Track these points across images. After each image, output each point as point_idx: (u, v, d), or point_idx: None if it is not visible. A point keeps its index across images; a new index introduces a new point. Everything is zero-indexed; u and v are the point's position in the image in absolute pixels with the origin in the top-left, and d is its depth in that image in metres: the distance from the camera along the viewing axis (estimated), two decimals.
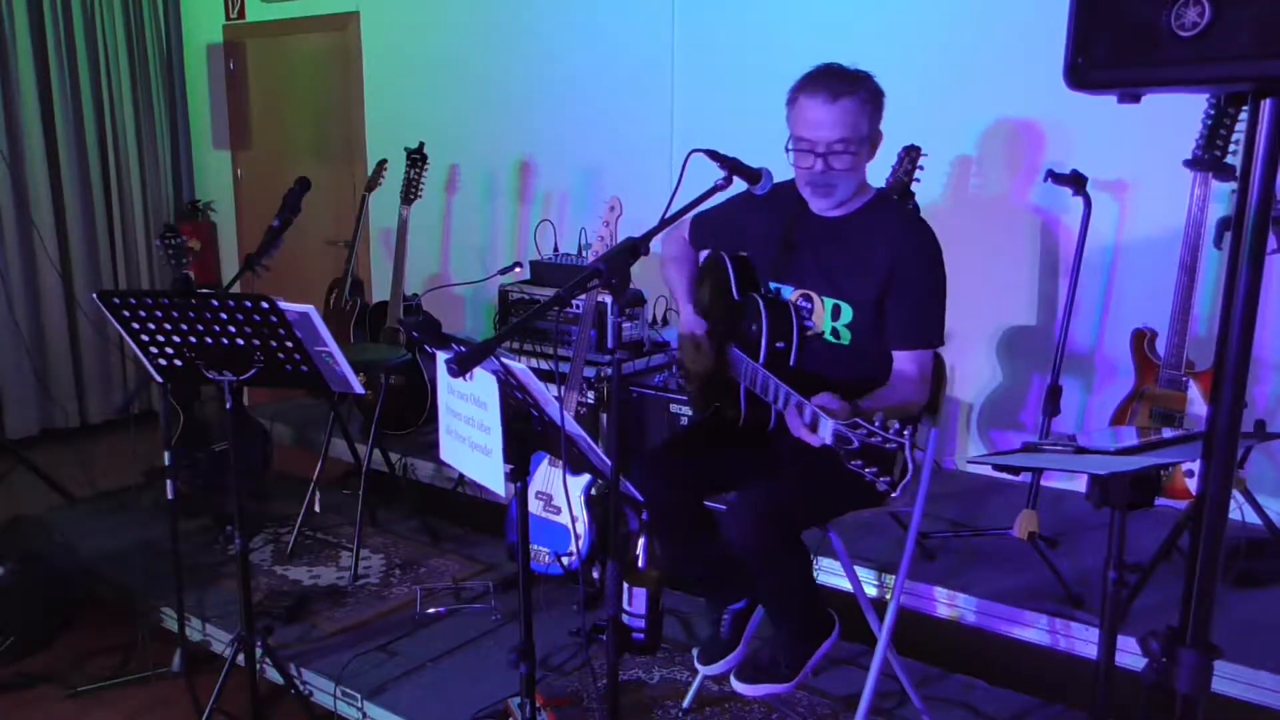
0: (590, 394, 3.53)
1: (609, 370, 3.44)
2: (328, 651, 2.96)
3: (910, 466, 1.65)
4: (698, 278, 2.47)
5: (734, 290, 2.30)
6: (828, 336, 2.20)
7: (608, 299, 3.43)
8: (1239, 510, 2.82)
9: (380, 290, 5.11)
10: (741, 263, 2.34)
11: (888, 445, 1.63)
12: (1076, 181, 2.97)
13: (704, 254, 2.50)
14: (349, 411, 4.31)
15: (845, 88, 2.06)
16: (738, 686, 2.28)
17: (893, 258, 2.11)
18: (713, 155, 2.01)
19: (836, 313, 2.18)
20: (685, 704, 2.64)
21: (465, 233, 5.03)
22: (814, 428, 1.81)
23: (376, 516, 3.95)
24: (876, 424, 1.66)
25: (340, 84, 5.37)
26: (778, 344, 2.15)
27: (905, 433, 1.63)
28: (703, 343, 2.36)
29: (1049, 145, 3.40)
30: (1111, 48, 1.17)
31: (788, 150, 2.14)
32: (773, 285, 2.29)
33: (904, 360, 2.13)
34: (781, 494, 2.10)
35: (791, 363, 2.17)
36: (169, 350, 2.47)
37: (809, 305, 2.22)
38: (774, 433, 2.18)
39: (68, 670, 3.04)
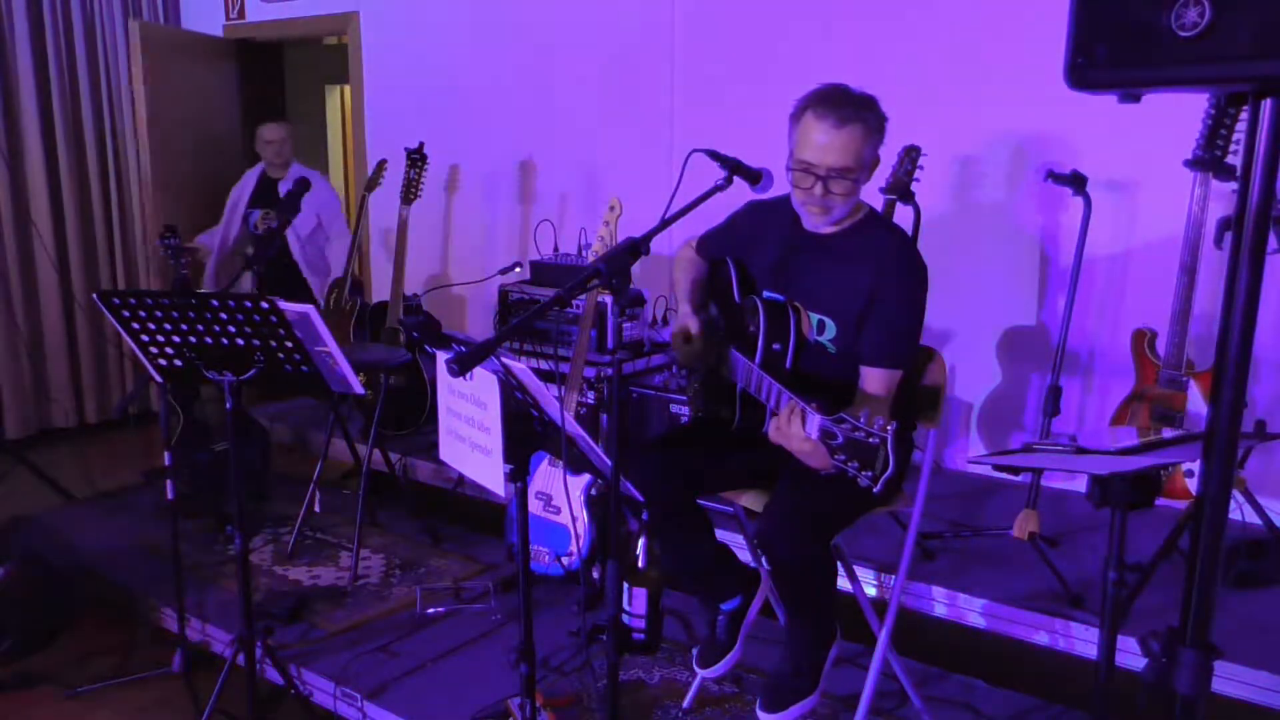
0: (590, 394, 3.53)
1: (609, 370, 3.45)
2: (328, 651, 2.96)
3: (891, 461, 1.69)
4: (702, 280, 2.48)
5: (735, 292, 2.32)
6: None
7: (608, 299, 3.44)
8: (1239, 510, 2.82)
9: (380, 290, 5.12)
10: (744, 267, 2.36)
11: (870, 440, 1.69)
12: (1076, 182, 2.97)
13: None
14: (349, 411, 4.31)
15: (852, 114, 2.05)
16: (768, 719, 2.24)
17: (876, 277, 2.12)
18: (713, 155, 2.01)
19: (822, 327, 2.21)
20: (685, 704, 2.64)
21: (465, 233, 5.03)
22: (801, 424, 1.86)
23: (377, 517, 3.94)
24: (861, 420, 1.71)
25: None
26: (774, 345, 2.16)
27: (889, 428, 1.67)
28: (694, 335, 2.38)
29: (1049, 145, 3.40)
30: (1112, 48, 1.17)
31: (787, 170, 2.13)
32: (766, 294, 2.30)
33: (871, 378, 2.15)
34: (812, 503, 2.11)
35: (788, 364, 2.17)
36: (169, 350, 2.47)
37: (795, 318, 2.24)
38: (769, 436, 2.19)
39: (68, 670, 3.04)
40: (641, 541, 2.91)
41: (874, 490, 1.71)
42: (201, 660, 2.99)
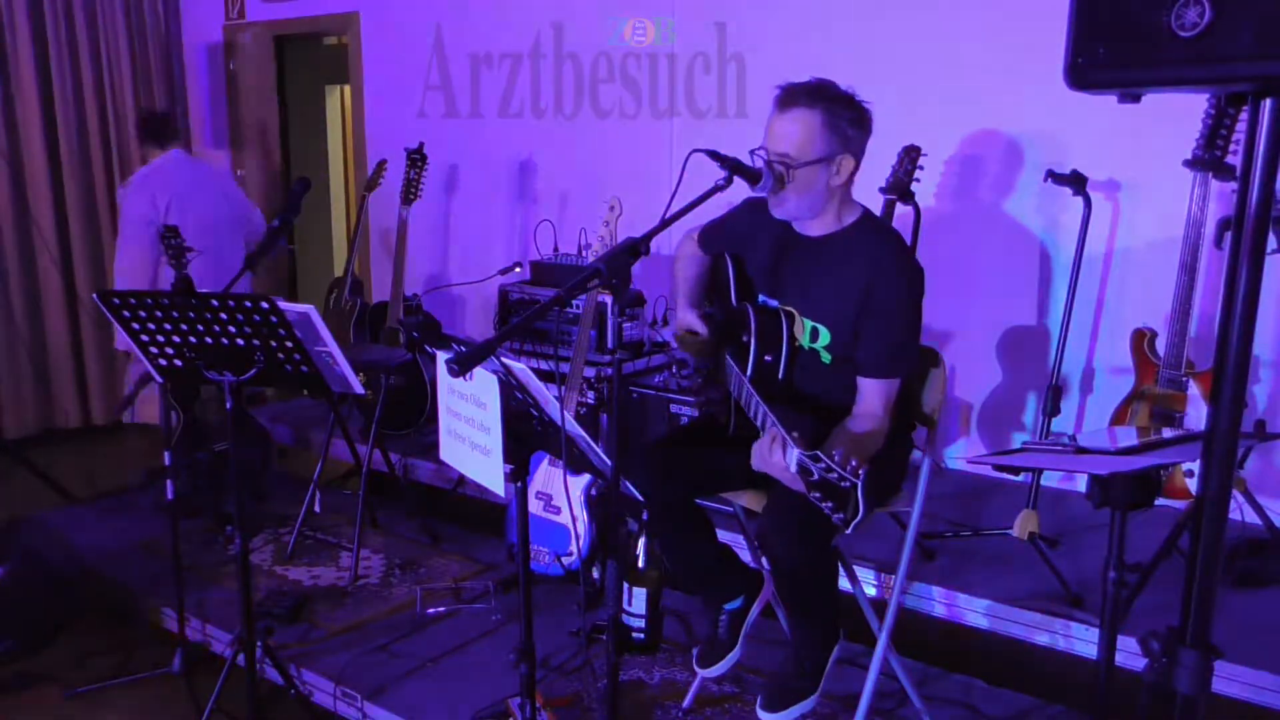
0: (590, 394, 3.53)
1: (609, 370, 3.45)
2: (328, 651, 2.96)
3: (862, 508, 1.70)
4: (704, 275, 2.47)
5: (732, 295, 2.30)
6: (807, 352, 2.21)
7: (608, 299, 3.44)
8: (1239, 510, 2.82)
9: (380, 290, 5.11)
10: (741, 266, 2.35)
11: (843, 484, 1.70)
12: (1076, 181, 2.97)
13: None
14: (349, 411, 4.31)
15: (801, 102, 2.02)
16: (769, 718, 2.23)
17: (870, 282, 2.07)
18: (713, 155, 2.00)
19: (815, 334, 2.18)
20: (685, 704, 2.64)
21: (465, 233, 5.03)
22: (782, 453, 1.86)
23: (377, 517, 3.94)
24: (836, 458, 1.70)
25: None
26: (766, 357, 2.14)
27: (861, 473, 1.67)
28: (698, 326, 2.35)
29: (1048, 145, 3.40)
30: (1112, 48, 1.17)
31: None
32: (761, 298, 2.29)
33: (869, 391, 2.11)
34: (811, 506, 2.10)
35: (780, 376, 2.16)
36: (169, 350, 2.47)
37: (788, 325, 2.22)
38: (751, 462, 2.18)
39: (68, 670, 3.04)
40: (641, 541, 2.91)
41: (845, 531, 1.73)
42: (201, 660, 2.99)
